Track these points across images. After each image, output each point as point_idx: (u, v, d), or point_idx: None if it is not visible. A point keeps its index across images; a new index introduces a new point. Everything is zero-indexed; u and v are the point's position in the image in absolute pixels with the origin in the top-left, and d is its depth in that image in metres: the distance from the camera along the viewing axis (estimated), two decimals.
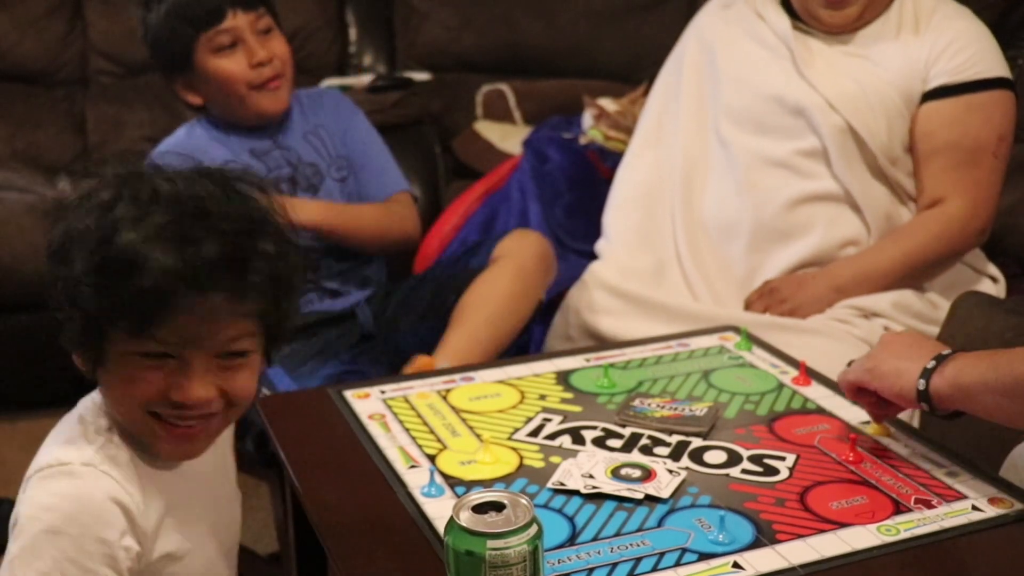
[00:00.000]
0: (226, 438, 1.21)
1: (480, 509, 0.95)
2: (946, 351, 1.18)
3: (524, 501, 0.96)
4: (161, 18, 1.82)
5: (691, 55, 2.04)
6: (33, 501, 0.98)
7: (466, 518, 0.94)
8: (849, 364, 1.28)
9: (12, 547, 0.97)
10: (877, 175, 1.85)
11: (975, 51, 1.83)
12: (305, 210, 1.81)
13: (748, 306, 1.86)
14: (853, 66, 1.86)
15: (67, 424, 1.05)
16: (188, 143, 1.87)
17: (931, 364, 1.16)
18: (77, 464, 0.98)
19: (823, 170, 1.86)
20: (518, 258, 1.85)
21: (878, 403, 1.26)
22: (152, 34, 1.85)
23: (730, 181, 1.92)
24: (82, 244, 0.97)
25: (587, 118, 2.62)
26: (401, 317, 1.91)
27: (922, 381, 1.16)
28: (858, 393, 1.27)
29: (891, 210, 1.85)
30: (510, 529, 0.92)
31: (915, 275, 1.83)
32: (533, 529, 0.94)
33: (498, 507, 0.95)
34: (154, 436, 1.02)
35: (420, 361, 1.67)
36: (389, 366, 1.81)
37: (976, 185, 1.82)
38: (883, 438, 1.29)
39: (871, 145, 1.82)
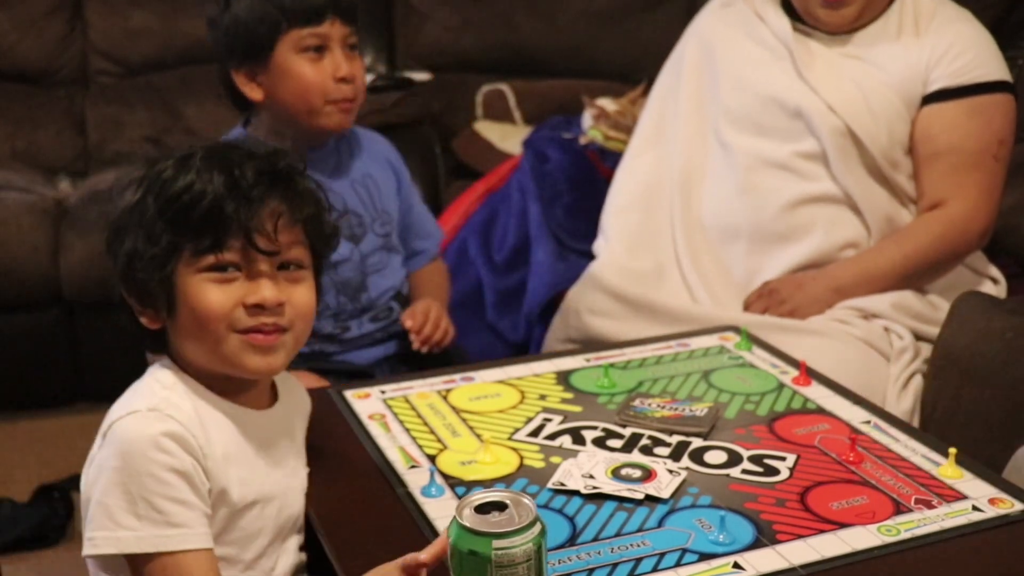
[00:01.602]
0: (301, 425, 1.27)
1: (482, 509, 0.95)
2: None
3: (527, 500, 0.96)
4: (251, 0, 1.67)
5: (691, 56, 2.03)
6: (111, 447, 1.09)
7: (470, 518, 0.94)
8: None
9: (96, 488, 1.08)
10: (877, 178, 1.84)
11: (975, 54, 1.82)
12: None
13: (747, 307, 1.86)
14: (853, 69, 1.86)
15: (137, 385, 1.17)
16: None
17: None
18: (144, 410, 1.10)
19: (823, 172, 1.85)
20: None
21: None
22: (234, 13, 1.67)
23: (730, 183, 1.92)
24: (143, 206, 1.11)
25: (587, 118, 2.62)
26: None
27: None
28: None
29: (892, 212, 1.85)
30: (515, 528, 0.92)
31: (915, 277, 1.83)
32: (537, 528, 0.94)
33: (500, 507, 0.95)
34: (240, 352, 1.12)
35: None
36: None
37: (977, 188, 1.81)
38: (883, 438, 1.29)
39: (870, 148, 1.81)
